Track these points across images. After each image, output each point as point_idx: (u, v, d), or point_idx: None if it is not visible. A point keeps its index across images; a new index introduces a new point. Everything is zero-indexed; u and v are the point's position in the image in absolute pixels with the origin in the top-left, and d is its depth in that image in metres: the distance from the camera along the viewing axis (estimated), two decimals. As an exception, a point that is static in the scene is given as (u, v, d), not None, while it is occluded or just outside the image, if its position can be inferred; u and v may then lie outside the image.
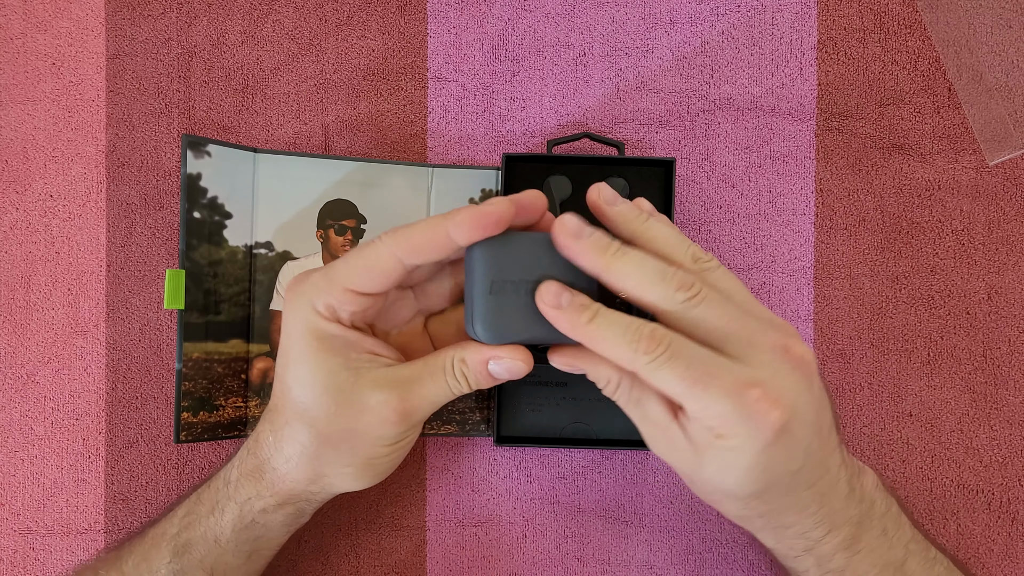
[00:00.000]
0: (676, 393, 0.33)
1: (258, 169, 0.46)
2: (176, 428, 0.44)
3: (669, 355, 0.32)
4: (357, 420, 0.36)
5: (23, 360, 0.48)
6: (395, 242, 0.35)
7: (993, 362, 0.48)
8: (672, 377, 0.32)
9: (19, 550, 0.48)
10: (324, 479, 0.39)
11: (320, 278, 0.37)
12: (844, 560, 0.38)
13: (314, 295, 0.36)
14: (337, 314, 0.37)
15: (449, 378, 0.37)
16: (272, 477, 0.39)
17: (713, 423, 0.33)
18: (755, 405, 0.32)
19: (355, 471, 0.38)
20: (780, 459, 0.34)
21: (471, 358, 0.37)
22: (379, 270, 0.36)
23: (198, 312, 0.44)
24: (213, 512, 0.40)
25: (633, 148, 0.48)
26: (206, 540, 0.40)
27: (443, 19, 0.48)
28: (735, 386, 0.32)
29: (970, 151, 0.48)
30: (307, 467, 0.38)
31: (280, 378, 0.38)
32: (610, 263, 0.34)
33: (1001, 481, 0.48)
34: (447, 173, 0.47)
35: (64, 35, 0.48)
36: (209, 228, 0.45)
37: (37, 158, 0.48)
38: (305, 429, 0.37)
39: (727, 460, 0.34)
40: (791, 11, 0.48)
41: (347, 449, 0.37)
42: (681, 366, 0.32)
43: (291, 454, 0.38)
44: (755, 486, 0.35)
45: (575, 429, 0.47)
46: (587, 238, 0.34)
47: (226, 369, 0.45)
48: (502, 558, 0.48)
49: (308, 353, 0.36)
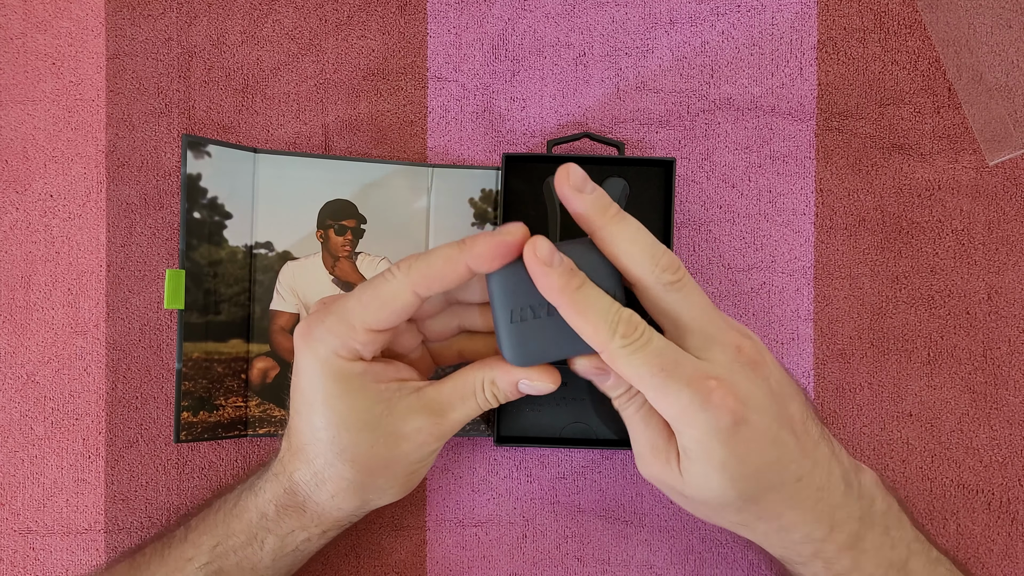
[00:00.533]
0: (640, 380, 0.34)
1: (258, 169, 0.46)
2: (176, 428, 0.44)
3: (642, 343, 0.34)
4: (396, 448, 0.37)
5: (23, 360, 0.48)
6: (410, 276, 0.35)
7: (993, 362, 0.48)
8: (641, 363, 0.33)
9: (19, 550, 0.48)
10: (369, 504, 0.40)
11: (336, 323, 0.36)
12: (851, 560, 0.38)
13: (332, 341, 0.36)
14: (359, 354, 0.37)
15: (480, 399, 0.38)
16: (316, 510, 0.39)
17: (672, 414, 0.34)
18: (712, 395, 0.33)
19: (396, 489, 0.40)
20: (751, 450, 0.34)
21: (501, 380, 0.37)
22: (397, 306, 0.36)
23: (198, 312, 0.44)
24: (251, 544, 0.40)
25: (633, 148, 0.48)
26: (242, 569, 0.40)
27: (443, 19, 0.48)
28: (695, 377, 0.34)
29: (970, 151, 0.48)
30: (354, 499, 0.39)
31: (309, 422, 0.38)
32: (607, 223, 0.35)
33: (1001, 481, 0.48)
34: (447, 173, 0.47)
35: (64, 35, 0.48)
36: (209, 228, 0.45)
37: (37, 158, 0.48)
38: (348, 467, 0.37)
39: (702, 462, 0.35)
40: (791, 11, 0.48)
41: (389, 475, 0.38)
42: (650, 354, 0.34)
43: (336, 491, 0.38)
44: (738, 485, 0.35)
45: (575, 429, 0.47)
46: (590, 192, 0.35)
47: (226, 369, 0.45)
48: (502, 558, 0.48)
49: (336, 396, 0.36)
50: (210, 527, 0.41)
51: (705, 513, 0.39)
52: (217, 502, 0.42)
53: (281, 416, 0.46)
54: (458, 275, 0.35)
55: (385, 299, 0.35)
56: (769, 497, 0.36)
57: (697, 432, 0.34)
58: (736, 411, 0.34)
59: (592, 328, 0.34)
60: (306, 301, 0.46)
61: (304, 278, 0.46)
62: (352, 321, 0.36)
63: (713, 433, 0.34)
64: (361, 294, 0.36)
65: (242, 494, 0.41)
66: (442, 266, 0.35)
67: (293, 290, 0.46)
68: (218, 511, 0.41)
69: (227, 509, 0.41)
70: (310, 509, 0.39)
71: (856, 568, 0.38)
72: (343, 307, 0.36)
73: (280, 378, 0.46)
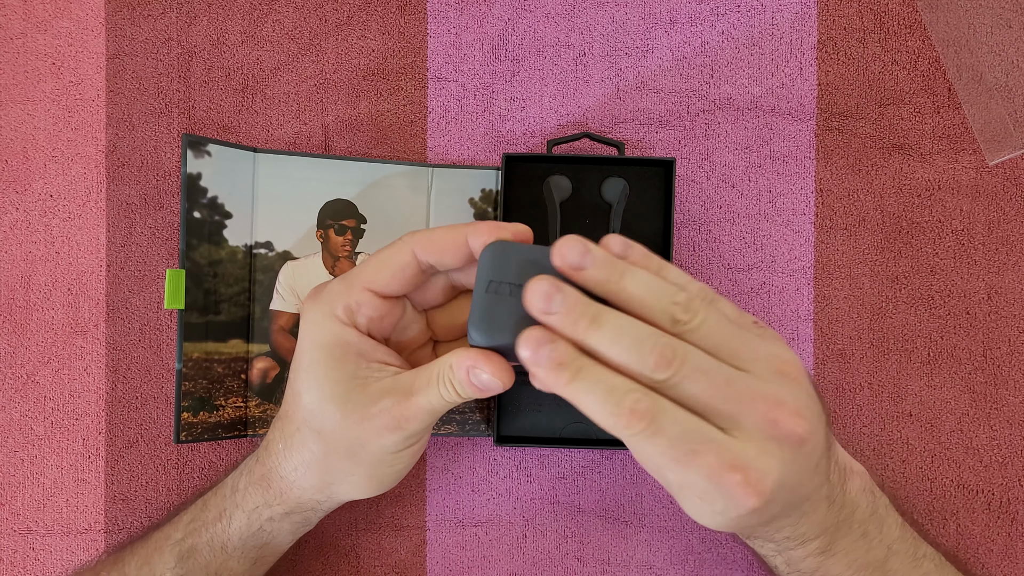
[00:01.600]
0: (658, 471, 0.32)
1: (258, 169, 0.46)
2: (176, 428, 0.44)
3: (652, 431, 0.31)
4: (360, 428, 0.36)
5: (23, 360, 0.48)
6: (413, 239, 0.37)
7: (993, 362, 0.48)
8: (654, 453, 0.31)
9: (19, 550, 0.48)
10: (330, 487, 0.39)
11: (338, 283, 0.37)
12: (815, 563, 0.38)
13: (333, 300, 0.37)
14: (355, 317, 0.37)
15: (442, 387, 0.36)
16: (280, 485, 0.39)
17: (691, 494, 0.33)
18: (734, 489, 0.31)
19: (360, 480, 0.39)
20: (757, 519, 0.34)
21: (457, 366, 0.35)
22: (396, 264, 0.36)
23: (198, 312, 0.44)
24: (220, 519, 0.40)
25: (633, 148, 0.48)
26: (212, 547, 0.40)
27: (443, 19, 0.48)
28: (716, 467, 0.31)
29: (970, 151, 0.48)
30: (314, 475, 0.38)
31: (291, 385, 0.38)
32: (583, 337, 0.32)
33: (1001, 481, 0.48)
34: (447, 173, 0.47)
35: (64, 35, 0.48)
36: (209, 228, 0.45)
37: (37, 158, 0.48)
38: (313, 436, 0.37)
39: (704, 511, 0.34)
40: (791, 11, 0.48)
41: (353, 458, 0.38)
42: (663, 443, 0.31)
43: (299, 462, 0.38)
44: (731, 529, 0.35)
45: (575, 429, 0.47)
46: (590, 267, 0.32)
47: (226, 369, 0.45)
48: (502, 558, 0.48)
49: (319, 361, 0.37)
50: (191, 506, 0.42)
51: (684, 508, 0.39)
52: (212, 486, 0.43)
53: None
54: (456, 245, 0.36)
55: (386, 258, 0.37)
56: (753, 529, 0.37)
57: (714, 507, 0.33)
58: (757, 505, 0.32)
59: (597, 419, 0.31)
60: (306, 301, 0.47)
61: (304, 278, 0.47)
62: (354, 279, 0.37)
63: (729, 514, 0.33)
64: (366, 259, 0.38)
65: (226, 472, 0.42)
66: (442, 235, 0.36)
67: (293, 290, 0.46)
68: (205, 491, 0.43)
69: (212, 489, 0.42)
70: (275, 483, 0.39)
71: (820, 568, 0.38)
72: (349, 272, 0.38)
73: (280, 378, 0.46)
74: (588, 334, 0.31)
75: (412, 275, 0.37)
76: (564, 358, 0.31)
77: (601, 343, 0.31)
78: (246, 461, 0.41)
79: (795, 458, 0.32)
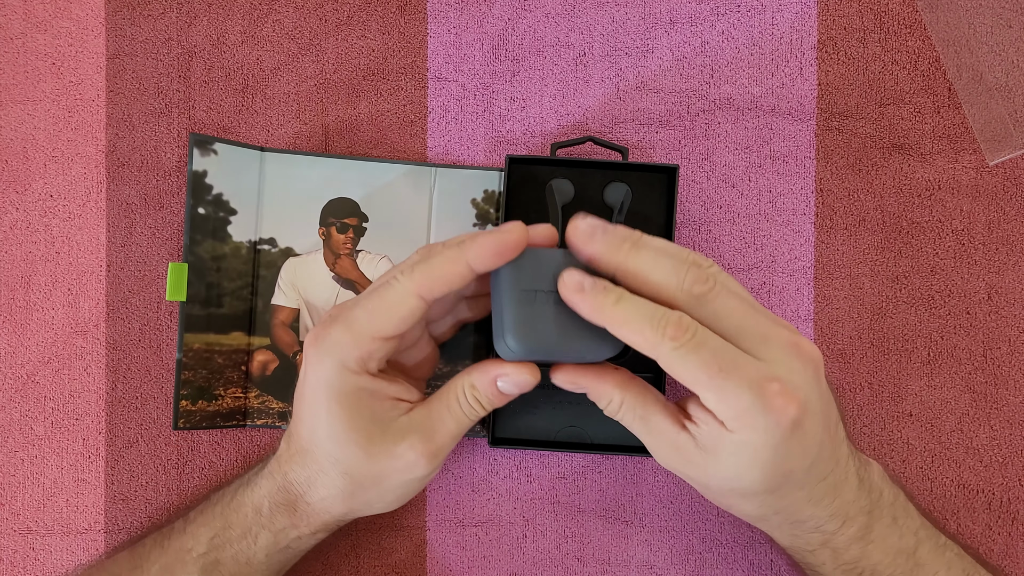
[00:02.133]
0: (697, 382, 0.33)
1: (265, 167, 0.47)
2: (175, 415, 0.44)
3: (695, 343, 0.32)
4: (388, 466, 0.38)
5: (23, 360, 0.48)
6: (414, 280, 0.35)
7: (993, 362, 0.48)
8: (697, 365, 0.32)
9: (19, 550, 0.48)
10: (358, 512, 0.41)
11: (343, 333, 0.36)
12: (859, 550, 0.38)
13: (342, 353, 0.36)
14: (366, 366, 0.37)
15: (464, 408, 0.38)
16: (307, 511, 0.40)
17: (731, 415, 0.33)
18: (774, 399, 0.32)
19: (387, 504, 0.41)
20: (795, 453, 0.34)
21: (479, 382, 0.37)
22: (403, 312, 0.36)
23: (200, 304, 0.45)
24: (245, 537, 0.41)
25: (633, 148, 0.48)
26: (237, 562, 0.41)
27: (443, 19, 0.49)
28: (756, 379, 0.32)
29: (970, 151, 0.48)
30: (343, 505, 0.40)
31: (309, 429, 0.38)
32: (621, 261, 0.34)
33: (1001, 481, 0.48)
34: (450, 173, 0.47)
35: (64, 35, 0.48)
36: (213, 224, 0.45)
37: (37, 158, 0.48)
38: (339, 476, 0.38)
39: (743, 458, 0.34)
40: (791, 11, 0.48)
41: (380, 487, 0.39)
42: (707, 355, 0.32)
43: (326, 495, 0.39)
44: (771, 482, 0.35)
45: (570, 433, 0.47)
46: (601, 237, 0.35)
47: (226, 360, 0.46)
48: (502, 558, 0.48)
49: (337, 412, 0.37)
50: (208, 520, 0.41)
51: (720, 496, 0.38)
52: (215, 495, 0.43)
53: (279, 408, 0.47)
54: (461, 276, 0.35)
55: (390, 305, 0.36)
56: (792, 492, 0.36)
57: (753, 434, 0.33)
58: (796, 416, 0.33)
59: (639, 336, 0.33)
60: (306, 297, 0.47)
61: (305, 274, 0.47)
62: (359, 331, 0.36)
63: (768, 436, 0.33)
64: (367, 302, 0.36)
65: (239, 489, 0.42)
66: (444, 268, 0.35)
67: (294, 285, 0.47)
68: (216, 504, 0.42)
69: (225, 503, 0.42)
70: (300, 509, 0.40)
71: (864, 557, 0.39)
72: (349, 316, 0.36)
73: (279, 371, 0.47)
74: (630, 256, 0.34)
75: (421, 315, 0.37)
76: (608, 285, 0.34)
77: (643, 264, 0.34)
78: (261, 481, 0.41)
79: (818, 380, 0.35)
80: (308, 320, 0.47)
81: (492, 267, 0.35)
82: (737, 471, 0.35)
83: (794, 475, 0.35)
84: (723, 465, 0.35)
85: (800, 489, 0.36)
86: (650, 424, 0.37)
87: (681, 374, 0.33)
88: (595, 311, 0.34)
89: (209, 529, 0.41)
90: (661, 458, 0.37)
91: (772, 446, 0.33)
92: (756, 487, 0.35)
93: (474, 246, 0.35)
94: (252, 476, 0.42)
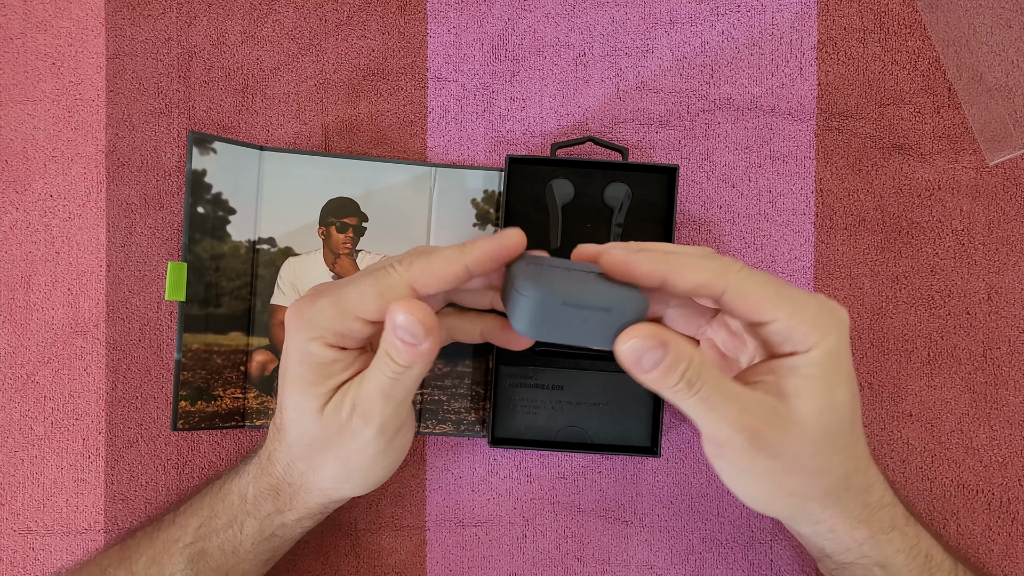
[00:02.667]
0: (767, 299, 0.34)
1: (264, 167, 0.46)
2: (174, 416, 0.44)
3: (755, 270, 0.34)
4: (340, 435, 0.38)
5: (23, 360, 0.48)
6: (411, 272, 0.35)
7: (993, 362, 0.48)
8: (765, 283, 0.34)
9: (19, 550, 0.48)
10: (332, 491, 0.40)
11: (328, 306, 0.36)
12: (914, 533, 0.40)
13: (323, 323, 0.36)
14: (343, 341, 0.37)
15: (381, 363, 0.35)
16: (288, 492, 0.40)
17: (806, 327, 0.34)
18: (829, 302, 0.35)
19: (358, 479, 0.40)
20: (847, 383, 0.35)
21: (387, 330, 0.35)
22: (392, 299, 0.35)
23: (199, 304, 0.45)
24: (231, 526, 0.41)
25: (633, 148, 0.48)
26: (223, 551, 0.41)
27: (443, 19, 0.49)
28: (809, 295, 0.35)
29: (970, 151, 0.48)
30: (315, 482, 0.39)
31: (281, 400, 0.39)
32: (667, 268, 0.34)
33: (1001, 481, 0.48)
34: (450, 173, 0.47)
35: (64, 35, 0.48)
36: (212, 223, 0.45)
37: (37, 158, 0.48)
38: (304, 448, 0.38)
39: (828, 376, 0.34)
40: (791, 11, 0.48)
41: (341, 461, 0.38)
42: (767, 277, 0.34)
43: (299, 472, 0.39)
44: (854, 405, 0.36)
45: (570, 433, 0.47)
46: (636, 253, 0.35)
47: (225, 361, 0.46)
48: (502, 558, 0.48)
49: (301, 377, 0.37)
50: (196, 510, 0.42)
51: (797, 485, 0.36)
52: (205, 486, 0.44)
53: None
54: (456, 276, 0.35)
55: (382, 291, 0.35)
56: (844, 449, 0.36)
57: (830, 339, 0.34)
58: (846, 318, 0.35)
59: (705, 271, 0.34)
60: (306, 300, 0.47)
61: (305, 274, 0.47)
62: (347, 307, 0.36)
63: (841, 337, 0.34)
64: (360, 282, 0.36)
65: (227, 478, 0.42)
66: (442, 266, 0.35)
67: (294, 285, 0.47)
68: (205, 495, 0.42)
69: (213, 493, 0.42)
70: (283, 491, 0.40)
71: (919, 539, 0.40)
72: (339, 292, 0.36)
73: (278, 371, 0.47)
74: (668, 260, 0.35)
75: None
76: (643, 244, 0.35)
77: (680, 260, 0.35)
78: (248, 467, 0.42)
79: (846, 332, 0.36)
80: (308, 320, 0.47)
81: (488, 271, 0.36)
82: (826, 392, 0.34)
83: (844, 420, 0.35)
84: (810, 400, 0.34)
85: (851, 447, 0.36)
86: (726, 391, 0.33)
87: (753, 293, 0.33)
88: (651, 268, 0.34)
89: (196, 519, 0.41)
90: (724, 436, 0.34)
91: (846, 349, 0.35)
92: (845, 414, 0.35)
93: (474, 250, 0.35)
94: (241, 464, 0.43)
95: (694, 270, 0.34)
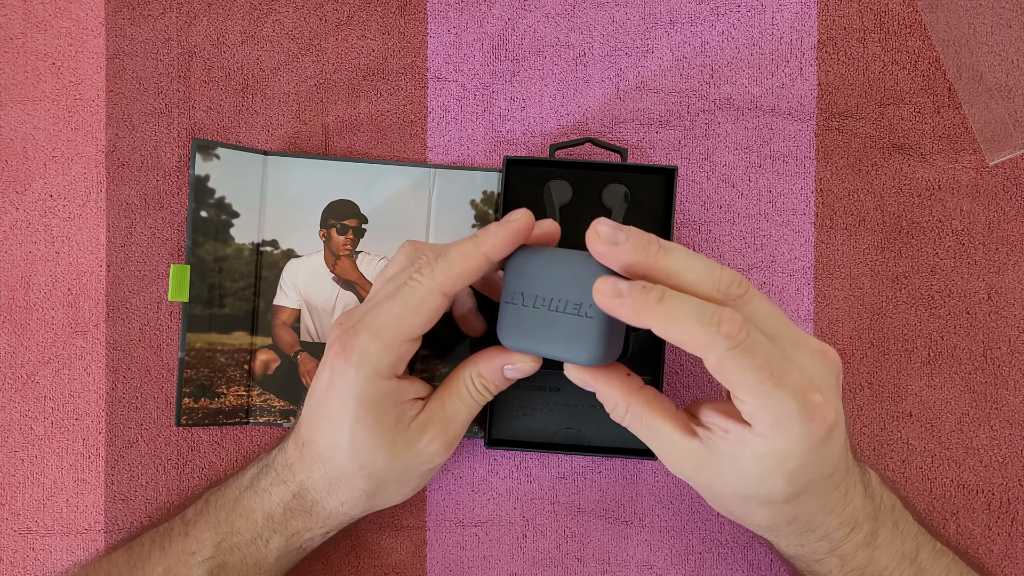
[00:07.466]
0: (745, 386, 0.31)
1: (268, 171, 0.47)
2: (177, 412, 0.45)
3: (750, 344, 0.31)
4: (411, 462, 0.39)
5: (23, 360, 0.48)
6: (436, 279, 0.36)
7: (993, 362, 0.48)
8: (751, 368, 0.31)
9: (19, 550, 0.48)
10: (374, 508, 0.42)
11: (371, 341, 0.36)
12: (865, 556, 0.38)
13: (374, 360, 0.37)
14: (396, 370, 0.38)
15: (474, 394, 0.40)
16: (323, 514, 0.41)
17: (768, 422, 0.32)
18: (816, 410, 0.32)
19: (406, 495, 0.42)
20: (819, 463, 0.34)
21: (486, 370, 0.40)
22: (430, 310, 0.37)
23: (202, 305, 0.45)
24: (255, 542, 0.41)
25: (633, 148, 0.48)
26: (246, 564, 0.41)
27: (443, 19, 0.49)
28: (801, 388, 0.32)
29: (970, 151, 0.48)
30: (362, 505, 0.41)
31: (330, 438, 0.39)
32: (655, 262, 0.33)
33: (1001, 481, 0.48)
34: (449, 174, 0.47)
35: (64, 35, 0.48)
36: (216, 226, 0.45)
37: (37, 158, 0.48)
38: (364, 479, 0.39)
39: (768, 465, 0.33)
40: (791, 11, 0.48)
41: (401, 485, 0.41)
42: (761, 359, 0.31)
43: (347, 498, 0.40)
44: (792, 490, 0.34)
45: (567, 435, 0.47)
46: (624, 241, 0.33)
47: (229, 359, 0.46)
48: (502, 558, 0.48)
49: (363, 419, 0.38)
50: (212, 524, 0.41)
51: (733, 504, 0.37)
52: (212, 497, 0.43)
53: (281, 407, 0.47)
54: (479, 268, 0.37)
55: (416, 306, 0.36)
56: (809, 503, 0.36)
57: (786, 442, 0.32)
58: (831, 428, 0.33)
59: (690, 335, 0.31)
60: (307, 298, 0.47)
61: (306, 275, 0.47)
62: (389, 336, 0.37)
63: (802, 445, 0.32)
64: (390, 307, 0.37)
65: (242, 494, 0.42)
66: (464, 263, 0.36)
67: (295, 286, 0.47)
68: (219, 509, 0.42)
69: (228, 508, 0.42)
70: (317, 513, 0.41)
71: (871, 562, 0.39)
72: (375, 324, 0.37)
73: (280, 370, 0.47)
74: (659, 257, 0.33)
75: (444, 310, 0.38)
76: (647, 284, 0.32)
77: (673, 263, 0.33)
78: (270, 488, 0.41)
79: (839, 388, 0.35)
80: (309, 320, 0.47)
81: (507, 254, 0.37)
82: (759, 478, 0.34)
83: (814, 484, 0.35)
84: (743, 472, 0.34)
85: (816, 499, 0.36)
86: (658, 432, 0.36)
87: (731, 376, 0.31)
88: (638, 313, 0.32)
89: (214, 534, 0.41)
90: (671, 465, 0.37)
91: (802, 454, 0.33)
92: (775, 495, 0.35)
93: (489, 237, 0.36)
94: (255, 480, 0.42)
95: (680, 331, 0.31)
